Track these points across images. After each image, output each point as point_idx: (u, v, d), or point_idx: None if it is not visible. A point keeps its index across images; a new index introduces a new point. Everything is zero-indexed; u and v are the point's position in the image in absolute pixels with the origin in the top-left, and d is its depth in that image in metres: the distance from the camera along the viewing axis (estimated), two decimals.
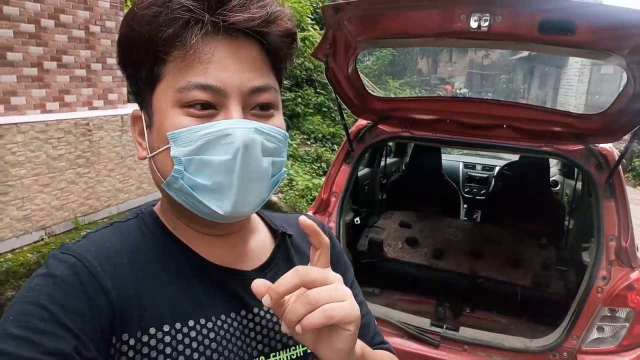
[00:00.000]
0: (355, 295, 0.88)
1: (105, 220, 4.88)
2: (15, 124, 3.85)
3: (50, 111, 4.44)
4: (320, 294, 0.60)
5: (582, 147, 2.64)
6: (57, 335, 0.58)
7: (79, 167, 4.55)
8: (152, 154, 0.71)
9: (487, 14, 1.86)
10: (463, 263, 3.26)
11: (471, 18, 1.88)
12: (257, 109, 0.70)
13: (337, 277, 0.65)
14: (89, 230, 0.74)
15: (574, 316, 2.42)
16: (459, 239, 3.61)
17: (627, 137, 2.61)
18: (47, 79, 4.41)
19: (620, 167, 2.60)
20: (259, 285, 0.62)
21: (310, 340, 0.64)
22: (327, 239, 0.66)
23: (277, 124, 0.72)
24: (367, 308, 0.97)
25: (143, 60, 0.68)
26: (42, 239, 4.23)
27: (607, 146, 2.72)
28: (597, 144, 2.67)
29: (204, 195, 0.67)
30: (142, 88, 0.71)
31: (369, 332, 0.94)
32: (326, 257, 0.66)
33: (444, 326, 2.68)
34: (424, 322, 2.63)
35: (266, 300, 0.61)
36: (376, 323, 0.98)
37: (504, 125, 2.77)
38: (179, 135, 0.66)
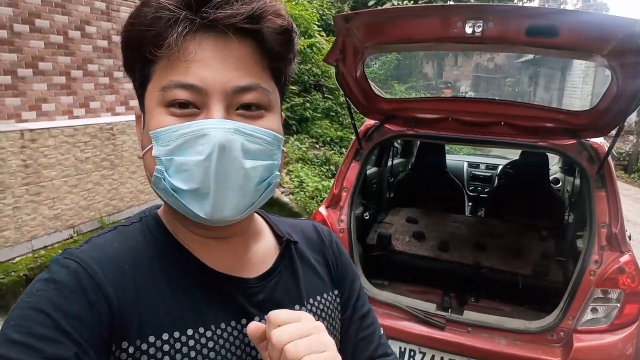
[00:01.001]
0: (362, 306, 0.92)
1: None
2: (47, 128, 4.12)
3: (77, 117, 4.71)
4: (298, 347, 0.59)
5: (574, 141, 2.80)
6: (58, 341, 0.58)
7: (104, 170, 4.82)
8: (142, 153, 0.71)
9: (480, 21, 2.08)
10: (467, 255, 3.38)
11: (466, 24, 2.10)
12: (243, 108, 0.68)
13: (319, 327, 0.64)
14: (93, 236, 0.74)
15: (569, 298, 2.55)
16: (463, 232, 3.74)
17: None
18: (74, 86, 4.69)
19: (610, 159, 2.76)
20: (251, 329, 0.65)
21: None
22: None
23: (267, 125, 0.70)
24: (373, 317, 0.94)
25: (136, 61, 0.69)
26: (72, 237, 4.49)
27: (598, 140, 2.87)
28: (588, 139, 2.82)
29: (185, 197, 0.66)
30: (138, 88, 0.72)
31: (372, 343, 0.91)
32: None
33: (449, 309, 2.87)
34: (430, 307, 2.78)
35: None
36: (383, 333, 0.95)
37: (502, 123, 2.94)
38: (159, 134, 0.65)
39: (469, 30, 2.11)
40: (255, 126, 0.68)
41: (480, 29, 2.09)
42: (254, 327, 0.65)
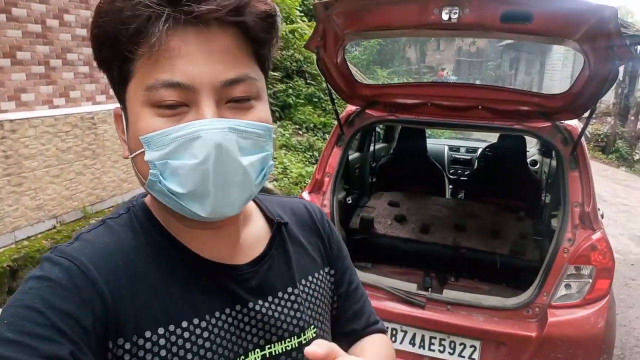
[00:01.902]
0: (353, 280, 0.96)
1: (111, 209, 5.13)
2: (27, 118, 4.08)
3: (57, 106, 4.67)
4: None
5: (549, 124, 2.87)
6: (53, 339, 0.57)
7: (86, 159, 4.79)
8: (132, 156, 0.69)
9: (456, 7, 2.13)
10: (447, 236, 3.45)
11: (443, 11, 2.16)
12: (233, 102, 0.66)
13: None
14: (82, 231, 0.72)
15: (544, 275, 2.63)
16: (443, 214, 3.82)
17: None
18: (53, 76, 4.64)
19: (583, 140, 2.84)
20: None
21: None
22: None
23: (259, 116, 0.69)
24: (362, 290, 0.98)
25: (112, 58, 0.65)
26: (55, 227, 4.47)
27: (572, 122, 2.95)
28: (562, 121, 2.89)
29: (184, 199, 0.65)
30: (116, 86, 0.68)
31: (363, 315, 0.96)
32: None
33: (429, 288, 2.96)
34: (412, 287, 2.85)
35: None
36: (370, 303, 1.00)
37: (479, 107, 2.99)
38: (151, 138, 0.63)
39: (445, 16, 2.16)
40: (248, 120, 0.66)
41: (456, 16, 2.14)
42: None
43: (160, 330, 0.66)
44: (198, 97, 0.63)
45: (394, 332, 2.78)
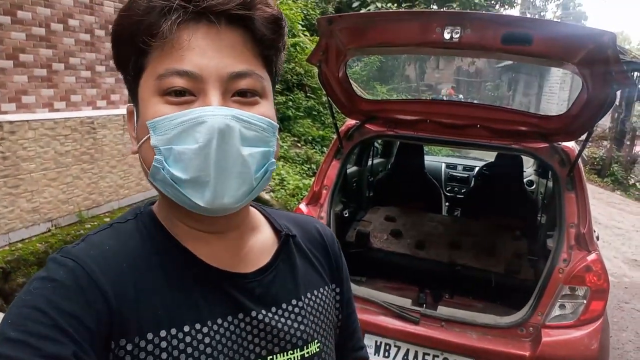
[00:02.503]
0: (353, 302, 0.96)
1: (107, 214, 5.11)
2: (27, 121, 4.08)
3: (58, 110, 4.66)
4: None
5: (547, 145, 2.90)
6: (56, 339, 0.57)
7: (84, 163, 4.78)
8: (138, 145, 0.70)
9: (459, 27, 2.17)
10: (443, 253, 3.45)
11: (445, 30, 2.20)
12: (239, 95, 0.68)
13: None
14: (88, 232, 0.73)
15: (538, 295, 2.63)
16: (439, 231, 3.82)
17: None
18: (55, 79, 4.64)
19: (580, 162, 2.86)
20: None
21: None
22: None
23: (262, 111, 0.70)
24: (356, 314, 0.98)
25: (129, 54, 0.68)
26: (49, 230, 4.44)
27: (569, 144, 2.98)
28: (560, 142, 2.92)
29: (184, 187, 0.66)
30: (131, 82, 0.71)
31: (354, 338, 0.97)
32: None
33: (423, 304, 2.95)
34: (406, 302, 2.84)
35: None
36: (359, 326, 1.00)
37: (478, 125, 3.04)
38: (157, 123, 0.65)
39: (447, 36, 2.20)
40: (252, 113, 0.68)
41: (458, 35, 2.18)
42: None
43: (162, 333, 0.66)
44: (205, 86, 0.66)
45: (387, 347, 2.77)
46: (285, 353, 0.77)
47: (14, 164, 4.03)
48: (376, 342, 2.79)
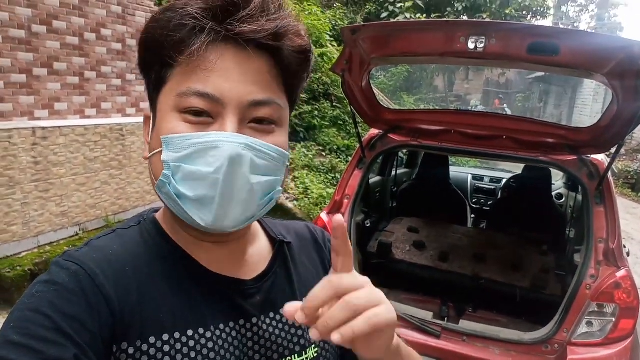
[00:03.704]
0: None
1: None
2: (59, 127, 4.21)
3: (89, 117, 4.81)
4: (360, 300, 0.57)
5: (575, 157, 2.84)
6: (58, 343, 0.57)
7: (112, 169, 4.90)
8: (149, 155, 0.71)
9: (483, 37, 2.14)
10: (466, 266, 3.40)
11: (469, 40, 2.17)
12: (256, 122, 0.69)
13: (367, 281, 0.61)
14: (91, 238, 0.74)
15: (564, 311, 2.57)
16: (463, 243, 3.77)
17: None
18: (87, 87, 4.79)
19: (610, 175, 2.80)
20: (288, 309, 0.58)
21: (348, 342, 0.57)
22: (350, 248, 0.61)
23: (276, 141, 0.70)
24: None
25: (153, 63, 0.69)
26: (77, 234, 4.56)
27: (599, 157, 2.90)
28: (588, 155, 2.85)
29: (187, 204, 0.67)
30: (151, 90, 0.72)
31: None
32: (350, 262, 0.61)
33: (445, 318, 2.90)
34: (427, 315, 2.81)
35: (300, 317, 0.56)
36: None
37: (504, 137, 2.98)
38: (171, 140, 0.66)
39: (471, 45, 2.17)
40: (265, 142, 0.68)
41: (482, 45, 2.15)
42: (294, 307, 0.58)
43: (165, 337, 0.67)
44: (224, 111, 0.66)
45: None
46: (283, 359, 0.77)
47: (45, 168, 4.15)
48: None
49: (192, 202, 0.66)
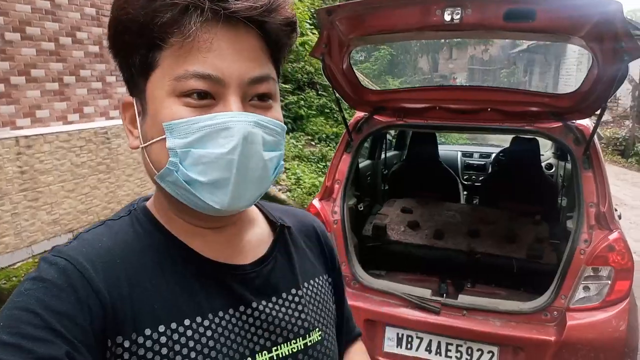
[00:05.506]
0: (341, 296, 0.97)
1: None
2: (42, 134, 4.17)
3: (72, 122, 4.76)
4: None
5: (560, 124, 2.84)
6: (48, 340, 0.56)
7: (100, 173, 4.86)
8: (146, 144, 0.69)
9: (459, 8, 2.12)
10: (462, 242, 3.41)
11: (445, 12, 2.15)
12: (256, 99, 0.69)
13: None
14: (80, 231, 0.72)
15: (561, 278, 2.58)
16: (457, 220, 3.78)
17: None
18: (67, 92, 4.73)
19: (596, 140, 2.80)
20: None
21: None
22: None
23: (276, 115, 0.71)
24: (347, 302, 1.01)
25: (137, 45, 0.65)
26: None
27: (584, 122, 2.90)
28: (573, 121, 2.85)
29: (199, 189, 0.65)
30: (135, 75, 0.68)
31: (351, 320, 1.02)
32: None
33: (444, 294, 2.91)
34: (426, 293, 2.81)
35: None
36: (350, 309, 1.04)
37: (489, 109, 2.96)
38: (175, 126, 0.64)
39: (447, 17, 2.15)
40: (269, 117, 0.69)
41: (458, 16, 2.13)
42: None
43: (161, 328, 0.66)
44: (226, 90, 0.65)
45: (409, 339, 2.74)
46: (288, 343, 0.76)
47: (32, 177, 4.11)
48: (398, 334, 2.76)
49: (204, 186, 0.65)
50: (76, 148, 4.55)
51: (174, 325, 0.66)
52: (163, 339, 0.65)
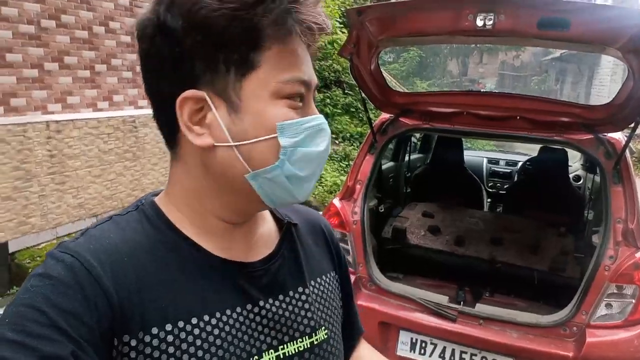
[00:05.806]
0: (348, 294, 0.97)
1: None
2: (72, 120, 4.27)
3: (101, 109, 4.85)
4: None
5: (591, 136, 2.77)
6: (54, 339, 0.56)
7: (127, 161, 4.95)
8: (245, 142, 0.67)
9: (492, 14, 2.09)
10: (483, 249, 3.35)
11: (477, 17, 2.11)
12: None
13: None
14: (88, 226, 0.71)
15: (583, 293, 2.52)
16: (480, 227, 3.71)
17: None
18: (98, 80, 4.82)
19: (627, 154, 2.72)
20: None
21: None
22: None
23: None
24: (354, 301, 1.02)
25: (239, 43, 0.64)
26: None
27: (615, 135, 2.83)
28: (605, 134, 2.78)
29: (295, 183, 0.70)
30: (226, 71, 0.65)
31: (355, 328, 1.01)
32: None
33: (461, 302, 2.88)
34: (443, 299, 2.78)
35: None
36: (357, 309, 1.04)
37: (517, 117, 2.92)
38: (288, 126, 0.67)
39: (480, 22, 2.12)
40: None
41: (491, 22, 2.10)
42: None
43: (168, 327, 0.65)
44: (309, 95, 0.71)
45: (423, 344, 2.72)
46: (295, 341, 0.76)
47: (60, 161, 4.21)
48: (412, 339, 2.74)
49: (300, 180, 0.70)
50: (104, 135, 4.64)
51: (181, 324, 0.66)
52: (170, 338, 0.65)
